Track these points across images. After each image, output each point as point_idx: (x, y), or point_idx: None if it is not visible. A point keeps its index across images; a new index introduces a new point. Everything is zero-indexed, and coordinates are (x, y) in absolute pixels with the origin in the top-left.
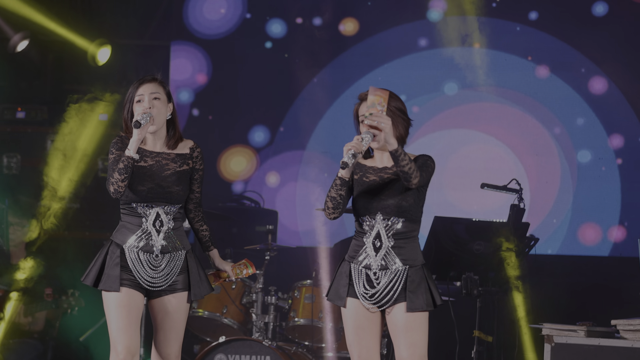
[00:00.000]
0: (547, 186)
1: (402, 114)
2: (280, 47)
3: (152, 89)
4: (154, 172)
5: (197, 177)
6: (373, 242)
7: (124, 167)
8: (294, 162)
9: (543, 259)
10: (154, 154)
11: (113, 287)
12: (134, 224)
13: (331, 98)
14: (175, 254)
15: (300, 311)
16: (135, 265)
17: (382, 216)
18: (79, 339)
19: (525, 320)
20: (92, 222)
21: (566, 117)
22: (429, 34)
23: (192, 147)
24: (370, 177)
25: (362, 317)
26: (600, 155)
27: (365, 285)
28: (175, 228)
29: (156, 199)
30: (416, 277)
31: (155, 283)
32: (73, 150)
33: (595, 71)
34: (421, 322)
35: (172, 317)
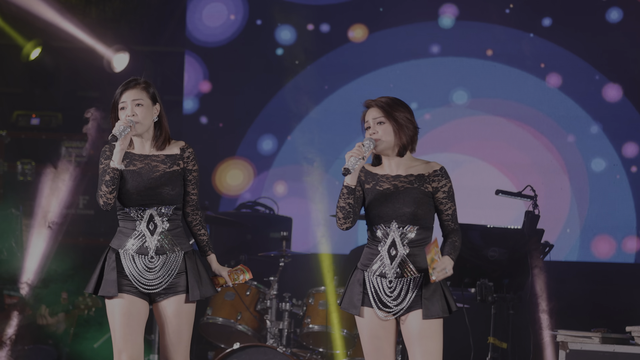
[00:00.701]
0: (561, 195)
1: (408, 122)
2: (290, 54)
3: (134, 95)
4: (143, 175)
5: (191, 178)
6: (388, 251)
7: (110, 179)
8: (305, 169)
9: (557, 266)
10: (143, 156)
11: (111, 292)
12: (129, 228)
13: (341, 106)
14: (172, 255)
15: (314, 318)
16: (131, 268)
17: (397, 224)
18: (93, 346)
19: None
20: (106, 229)
21: (580, 125)
22: (440, 40)
23: (183, 147)
24: (383, 185)
25: (377, 326)
26: (614, 163)
27: (380, 294)
28: (170, 229)
29: (148, 202)
30: (431, 284)
31: (151, 285)
32: None
33: (609, 78)
34: (436, 329)
35: (174, 320)
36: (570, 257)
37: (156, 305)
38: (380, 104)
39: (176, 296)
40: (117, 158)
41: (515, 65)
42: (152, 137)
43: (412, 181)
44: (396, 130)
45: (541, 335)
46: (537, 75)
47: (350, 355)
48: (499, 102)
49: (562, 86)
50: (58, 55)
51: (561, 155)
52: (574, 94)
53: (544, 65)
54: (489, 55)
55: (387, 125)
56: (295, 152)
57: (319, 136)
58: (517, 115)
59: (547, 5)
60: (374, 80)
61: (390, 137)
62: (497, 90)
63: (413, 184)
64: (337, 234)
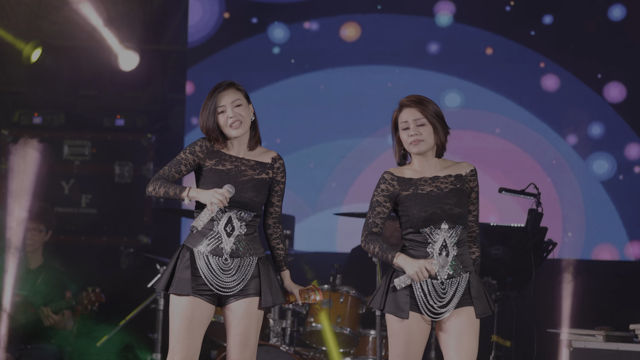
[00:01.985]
0: (562, 195)
1: (441, 123)
2: (286, 53)
3: (232, 96)
4: (231, 177)
5: (278, 189)
6: (440, 252)
7: (172, 195)
8: (307, 166)
9: (561, 264)
10: (234, 158)
11: (185, 291)
12: (206, 228)
13: (340, 103)
14: (246, 259)
15: (317, 316)
16: (205, 268)
17: (448, 225)
18: (96, 345)
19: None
20: (109, 228)
21: (581, 125)
22: (438, 39)
23: (275, 158)
24: (425, 188)
25: (417, 331)
26: (617, 164)
27: (429, 298)
28: (247, 234)
29: (230, 204)
30: (475, 283)
31: (225, 287)
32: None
33: (612, 77)
34: (476, 328)
35: (242, 322)
36: (574, 255)
37: (226, 307)
38: (418, 104)
39: (247, 298)
40: (195, 197)
41: (515, 64)
42: (247, 139)
43: (454, 182)
44: (436, 131)
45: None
46: (537, 73)
47: (354, 354)
48: (498, 101)
49: (563, 85)
50: (60, 54)
51: (562, 156)
52: (575, 93)
53: (544, 64)
54: (489, 54)
55: (428, 127)
56: (297, 146)
57: (317, 135)
58: (516, 115)
59: (548, 3)
60: (371, 77)
61: (431, 138)
62: (497, 88)
63: (455, 184)
64: (339, 232)
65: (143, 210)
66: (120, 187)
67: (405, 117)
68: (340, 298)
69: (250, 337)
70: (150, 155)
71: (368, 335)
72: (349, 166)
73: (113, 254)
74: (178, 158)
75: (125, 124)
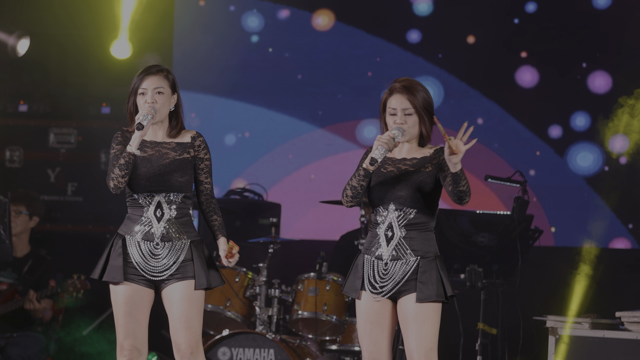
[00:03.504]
0: (546, 189)
1: (428, 114)
2: (264, 41)
3: (156, 82)
4: (152, 162)
5: (203, 166)
6: (385, 233)
7: (124, 162)
8: (295, 154)
9: (547, 251)
10: (154, 143)
11: (117, 278)
12: (137, 215)
13: (317, 92)
14: (178, 243)
15: (303, 304)
16: (136, 254)
17: (395, 206)
18: (82, 333)
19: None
20: (95, 216)
21: (565, 117)
22: (417, 27)
23: (194, 136)
24: (388, 168)
25: (373, 311)
26: (602, 156)
27: (374, 276)
28: (178, 217)
29: (156, 188)
30: (427, 268)
31: (156, 272)
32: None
33: (597, 66)
34: (431, 313)
35: (181, 306)
36: (559, 243)
37: (163, 291)
38: (408, 93)
39: (184, 281)
40: (135, 144)
41: (497, 52)
42: (166, 126)
43: (415, 164)
44: (422, 121)
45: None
46: (520, 62)
47: (340, 342)
48: (479, 90)
49: (546, 75)
50: (47, 43)
51: (546, 147)
52: (559, 83)
53: (527, 54)
54: (470, 43)
55: (415, 117)
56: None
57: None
58: (498, 105)
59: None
60: (348, 69)
61: (416, 128)
62: (479, 78)
63: (415, 166)
64: (326, 220)
65: None
66: (105, 175)
67: (394, 104)
68: (327, 286)
69: (191, 320)
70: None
71: (354, 323)
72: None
73: (99, 243)
74: (112, 154)
75: (111, 111)
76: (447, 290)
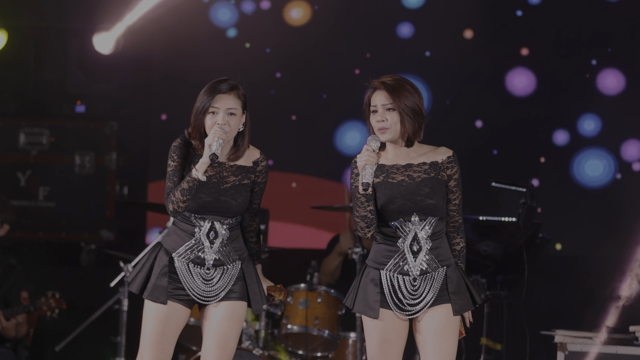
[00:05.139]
0: (552, 194)
1: (412, 112)
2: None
3: (229, 103)
4: (212, 184)
5: (258, 189)
6: (410, 246)
7: (188, 188)
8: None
9: (555, 261)
10: (215, 164)
11: (160, 299)
12: (187, 232)
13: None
14: (230, 267)
15: (293, 317)
16: (186, 277)
17: (419, 217)
18: (54, 349)
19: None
20: (68, 223)
21: (571, 119)
22: (411, 19)
23: (257, 161)
24: (396, 177)
25: (391, 330)
26: (613, 162)
27: (399, 294)
28: (231, 239)
29: (212, 211)
30: (454, 277)
31: (207, 297)
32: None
33: (608, 64)
34: (454, 328)
35: (223, 324)
36: (569, 251)
37: (205, 308)
38: (389, 88)
39: (231, 302)
40: (203, 169)
41: (497, 48)
42: (231, 146)
43: (428, 170)
44: (402, 119)
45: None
46: (523, 60)
47: (332, 358)
48: (478, 91)
49: (551, 74)
50: (23, 36)
51: (550, 153)
52: (565, 83)
53: (530, 50)
54: (468, 38)
55: (395, 114)
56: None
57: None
58: (499, 106)
59: None
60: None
61: (398, 126)
62: (478, 77)
63: (429, 172)
64: (316, 226)
65: (105, 204)
66: (80, 179)
67: (374, 101)
68: (318, 298)
69: (229, 340)
70: (113, 145)
71: (348, 338)
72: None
73: (73, 251)
74: (172, 167)
75: (87, 110)
76: (475, 298)
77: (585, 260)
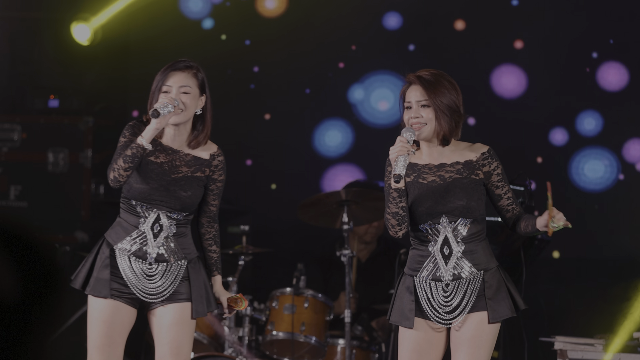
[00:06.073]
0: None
1: (448, 110)
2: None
3: (182, 80)
4: (163, 172)
5: (214, 187)
6: (441, 250)
7: (131, 155)
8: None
9: (555, 263)
10: (170, 150)
11: (103, 293)
12: (131, 224)
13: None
14: (174, 264)
15: (278, 323)
16: (127, 271)
17: (448, 219)
18: None
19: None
20: (42, 223)
21: (569, 118)
22: (399, 8)
23: (214, 154)
24: (427, 177)
25: (423, 341)
26: (615, 162)
27: (439, 302)
28: (177, 235)
29: (159, 201)
30: (493, 282)
31: (150, 294)
32: None
33: (610, 57)
34: (490, 337)
35: (172, 330)
36: (567, 254)
37: (152, 312)
38: (425, 83)
39: (177, 304)
40: (149, 136)
41: (491, 40)
42: (188, 132)
43: (460, 170)
44: (438, 117)
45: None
46: (518, 53)
47: None
48: (471, 86)
49: (548, 68)
50: None
51: (547, 155)
52: (563, 77)
53: (526, 42)
54: (459, 29)
55: (431, 110)
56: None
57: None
58: (493, 103)
59: None
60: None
61: (433, 124)
62: (469, 70)
63: (462, 172)
64: (303, 227)
65: (80, 204)
66: (54, 178)
67: (409, 96)
68: (305, 303)
69: (182, 346)
70: (89, 141)
71: (336, 345)
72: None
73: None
74: (122, 142)
75: (60, 105)
76: (518, 304)
77: (586, 263)
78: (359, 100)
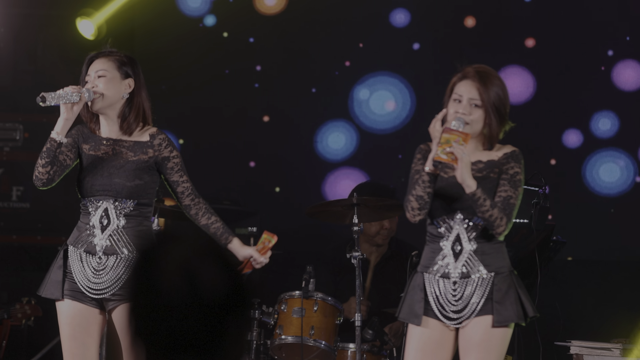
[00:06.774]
0: (564, 200)
1: (497, 114)
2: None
3: (98, 66)
4: (104, 163)
5: (172, 165)
6: (452, 247)
7: (46, 150)
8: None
9: (571, 266)
10: (110, 141)
11: (55, 294)
12: (84, 222)
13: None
14: (123, 257)
15: (287, 327)
16: (77, 268)
17: (463, 216)
18: None
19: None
20: (44, 225)
21: (584, 118)
22: (407, 5)
23: (153, 134)
24: (449, 172)
25: (432, 341)
26: (632, 165)
27: (444, 299)
28: (128, 227)
29: (103, 193)
30: (503, 286)
31: (97, 290)
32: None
33: (627, 54)
34: (500, 341)
35: (125, 331)
36: (586, 256)
37: (110, 311)
38: (480, 83)
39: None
40: (59, 127)
41: (502, 37)
42: (118, 118)
43: (481, 168)
44: (487, 119)
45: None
46: (530, 52)
47: None
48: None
49: (563, 67)
50: None
51: (560, 157)
52: (577, 76)
53: (539, 40)
54: (469, 27)
55: (481, 111)
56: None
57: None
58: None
59: None
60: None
61: (480, 125)
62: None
63: (482, 171)
64: (312, 229)
65: None
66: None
67: (461, 90)
68: (314, 306)
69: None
70: None
71: (347, 349)
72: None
73: (49, 256)
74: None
75: None
76: (527, 311)
77: (603, 266)
78: (364, 100)
